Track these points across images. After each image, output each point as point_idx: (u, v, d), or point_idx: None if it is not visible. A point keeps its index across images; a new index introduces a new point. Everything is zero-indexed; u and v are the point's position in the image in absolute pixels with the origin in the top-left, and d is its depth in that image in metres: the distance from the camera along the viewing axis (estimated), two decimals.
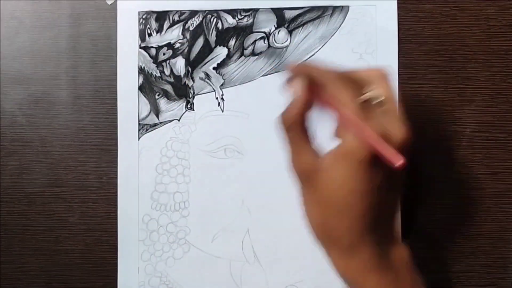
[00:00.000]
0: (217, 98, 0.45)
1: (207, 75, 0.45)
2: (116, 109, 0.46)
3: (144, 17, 0.46)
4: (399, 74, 0.45)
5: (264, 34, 0.45)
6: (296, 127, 0.35)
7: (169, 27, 0.46)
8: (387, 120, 0.33)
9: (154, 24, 0.46)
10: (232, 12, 0.45)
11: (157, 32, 0.46)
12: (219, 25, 0.45)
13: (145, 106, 0.46)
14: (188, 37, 0.46)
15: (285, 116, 0.35)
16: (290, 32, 0.45)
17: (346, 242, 0.35)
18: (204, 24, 0.46)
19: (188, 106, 0.45)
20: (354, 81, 0.35)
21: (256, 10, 0.45)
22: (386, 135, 0.32)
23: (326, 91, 0.34)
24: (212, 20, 0.45)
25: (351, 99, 0.33)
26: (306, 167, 0.35)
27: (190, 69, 0.45)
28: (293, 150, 0.36)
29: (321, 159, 0.35)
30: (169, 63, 0.46)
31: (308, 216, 0.37)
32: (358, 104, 0.33)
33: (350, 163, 0.33)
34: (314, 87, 0.35)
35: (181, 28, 0.46)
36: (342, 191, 0.34)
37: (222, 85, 0.45)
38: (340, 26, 0.45)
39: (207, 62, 0.45)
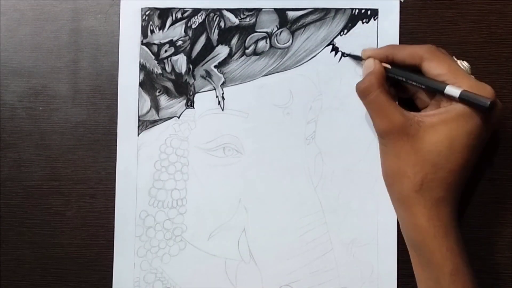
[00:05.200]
0: (217, 96, 0.45)
1: (208, 73, 0.45)
2: (116, 104, 0.46)
3: (147, 13, 0.46)
4: None
5: (266, 34, 0.45)
6: (375, 90, 0.39)
7: (171, 24, 0.46)
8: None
9: (156, 21, 0.46)
10: (235, 11, 0.46)
11: (159, 29, 0.46)
12: (222, 24, 0.45)
13: (146, 103, 0.46)
14: (190, 34, 0.46)
15: (360, 84, 0.40)
16: (292, 33, 0.45)
17: (436, 195, 0.37)
18: (206, 22, 0.46)
19: (188, 103, 0.46)
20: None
21: (259, 10, 0.45)
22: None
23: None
24: (214, 18, 0.46)
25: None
26: (398, 123, 0.38)
27: (191, 66, 0.46)
28: (378, 112, 0.39)
29: (416, 116, 0.38)
30: (170, 60, 0.46)
31: (398, 172, 0.39)
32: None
33: (461, 124, 0.37)
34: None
35: (184, 25, 0.46)
36: (446, 147, 0.37)
37: (223, 83, 0.45)
38: (342, 28, 0.45)
39: (208, 60, 0.45)
